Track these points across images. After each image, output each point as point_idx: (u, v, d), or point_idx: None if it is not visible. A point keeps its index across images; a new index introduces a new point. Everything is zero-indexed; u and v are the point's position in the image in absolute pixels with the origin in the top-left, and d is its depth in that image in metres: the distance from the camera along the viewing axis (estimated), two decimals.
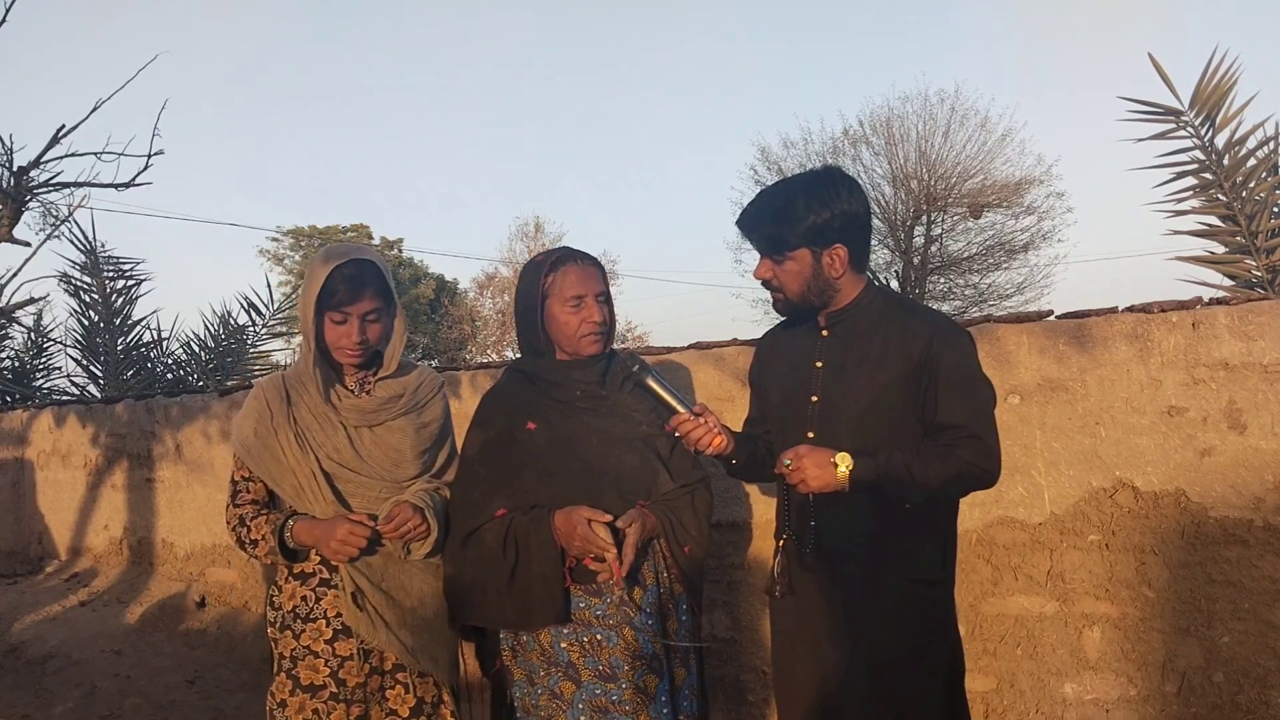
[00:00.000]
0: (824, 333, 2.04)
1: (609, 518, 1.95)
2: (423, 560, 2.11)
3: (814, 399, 2.00)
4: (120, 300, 8.79)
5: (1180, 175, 4.86)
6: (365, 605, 2.06)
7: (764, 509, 3.31)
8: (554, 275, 2.09)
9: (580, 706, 1.95)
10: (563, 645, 1.99)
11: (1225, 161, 4.70)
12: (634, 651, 1.98)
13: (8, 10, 5.13)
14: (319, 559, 2.10)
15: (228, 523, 2.15)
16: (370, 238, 31.01)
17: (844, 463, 1.84)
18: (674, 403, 1.98)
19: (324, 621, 2.08)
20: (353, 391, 2.18)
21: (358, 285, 2.06)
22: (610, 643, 1.98)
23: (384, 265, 2.16)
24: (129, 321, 8.81)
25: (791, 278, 1.97)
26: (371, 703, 2.09)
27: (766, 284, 2.03)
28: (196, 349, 8.75)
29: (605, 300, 2.12)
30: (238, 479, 2.16)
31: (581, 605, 2.00)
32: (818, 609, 1.99)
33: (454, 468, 2.25)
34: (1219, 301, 2.83)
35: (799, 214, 1.92)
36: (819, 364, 2.01)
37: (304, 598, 2.10)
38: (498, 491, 2.06)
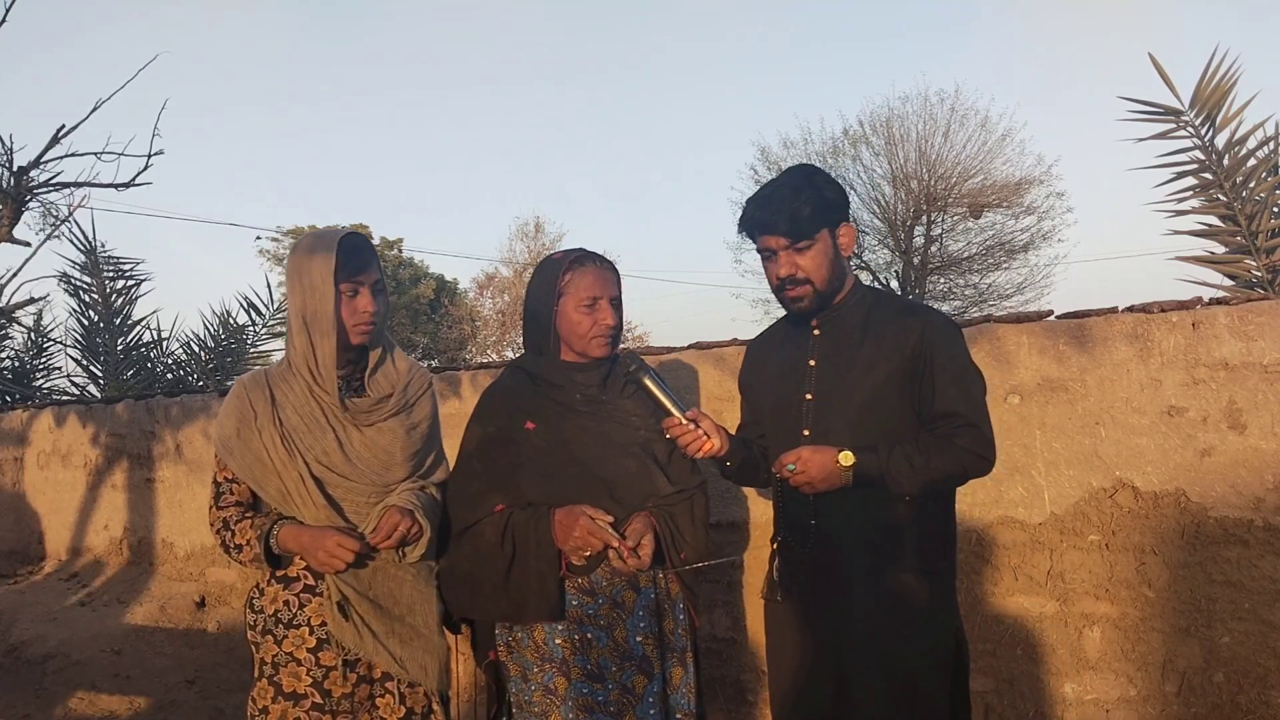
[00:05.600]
0: (815, 331, 2.06)
1: (610, 518, 1.96)
2: (416, 562, 2.06)
3: (808, 397, 2.01)
4: (120, 300, 8.79)
5: (1180, 175, 4.86)
6: (351, 615, 1.99)
7: (763, 509, 3.31)
8: (571, 274, 2.09)
9: (569, 704, 1.96)
10: (557, 641, 1.99)
11: (1225, 161, 4.70)
12: (623, 652, 1.99)
13: (8, 10, 5.12)
14: (304, 563, 2.02)
15: (211, 525, 2.07)
16: (370, 238, 30.93)
17: (847, 459, 1.86)
18: (669, 405, 2.00)
19: (307, 629, 2.01)
20: (341, 388, 2.09)
21: (366, 253, 2.04)
22: (600, 643, 1.99)
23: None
24: (129, 321, 8.80)
25: (818, 264, 1.98)
26: (360, 711, 2.02)
27: (791, 280, 1.99)
28: (196, 349, 8.74)
29: (617, 304, 2.13)
30: (220, 480, 2.07)
31: (575, 603, 2.00)
32: (818, 608, 2.00)
33: (441, 468, 2.21)
34: (1219, 301, 2.83)
35: (811, 195, 1.95)
36: (812, 362, 2.03)
37: (286, 603, 2.03)
38: (495, 488, 2.06)
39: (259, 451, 2.01)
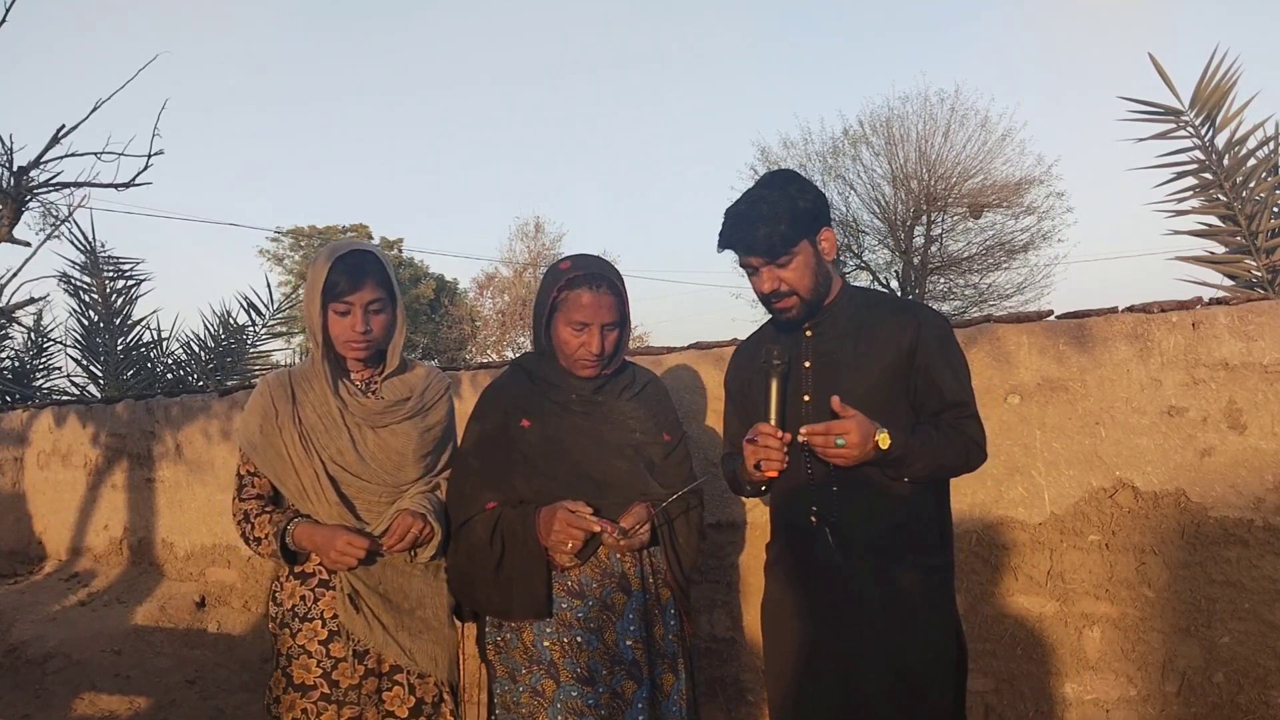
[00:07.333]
0: (807, 334, 2.06)
1: (590, 509, 1.96)
2: (427, 562, 2.13)
3: (805, 398, 2.01)
4: (120, 300, 8.77)
5: (1180, 175, 4.86)
6: (362, 607, 2.08)
7: (761, 510, 3.31)
8: (567, 293, 2.06)
9: (558, 706, 1.96)
10: (545, 644, 2.01)
11: (1225, 161, 4.70)
12: (613, 656, 1.99)
13: (8, 10, 5.12)
14: (319, 559, 2.12)
15: (233, 515, 2.17)
16: (370, 238, 30.98)
17: (885, 442, 1.84)
18: (774, 413, 1.92)
19: (320, 622, 2.10)
20: (360, 390, 2.19)
21: (359, 274, 2.08)
22: (590, 646, 1.99)
23: (385, 258, 2.18)
24: (129, 321, 8.79)
25: (801, 275, 1.98)
26: (367, 705, 2.09)
27: (776, 295, 1.99)
28: (196, 349, 8.73)
29: (615, 327, 2.08)
30: (243, 473, 2.17)
31: (564, 606, 2.01)
32: (818, 605, 1.99)
33: None
34: (1219, 301, 2.83)
35: (786, 209, 1.94)
36: (807, 364, 2.03)
37: (303, 597, 2.12)
38: (489, 485, 2.08)
39: (279, 448, 2.11)
